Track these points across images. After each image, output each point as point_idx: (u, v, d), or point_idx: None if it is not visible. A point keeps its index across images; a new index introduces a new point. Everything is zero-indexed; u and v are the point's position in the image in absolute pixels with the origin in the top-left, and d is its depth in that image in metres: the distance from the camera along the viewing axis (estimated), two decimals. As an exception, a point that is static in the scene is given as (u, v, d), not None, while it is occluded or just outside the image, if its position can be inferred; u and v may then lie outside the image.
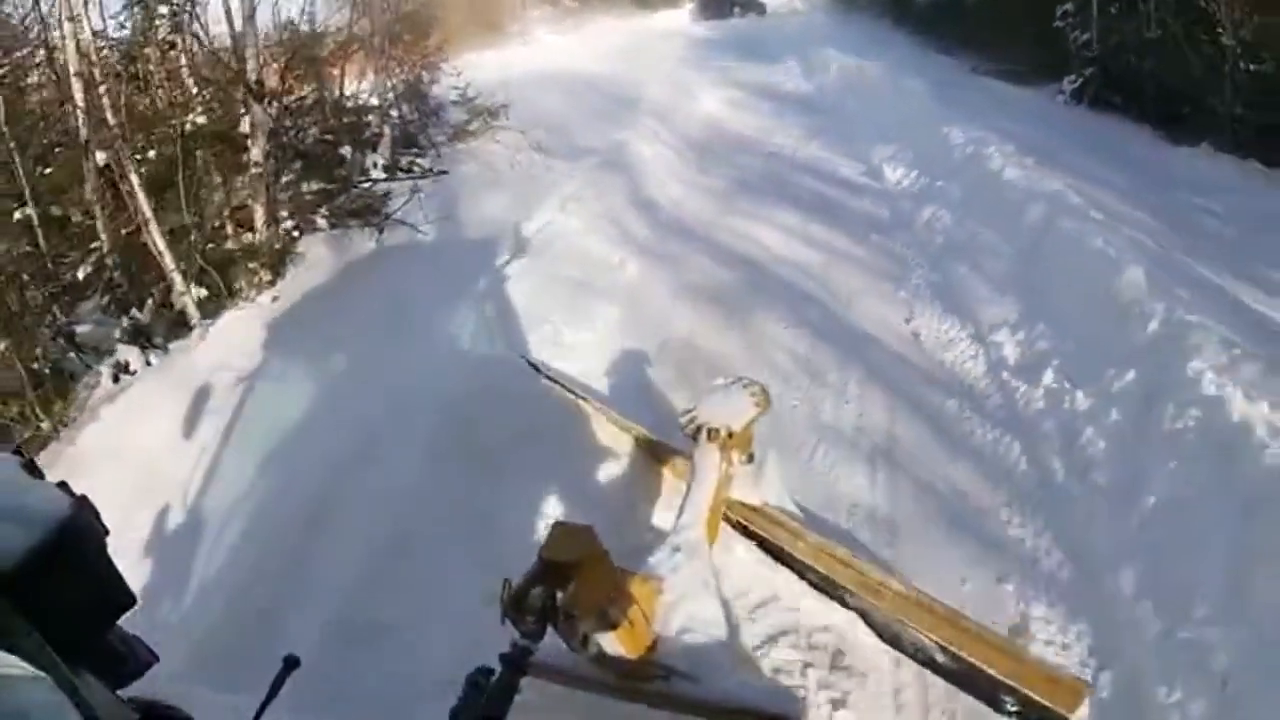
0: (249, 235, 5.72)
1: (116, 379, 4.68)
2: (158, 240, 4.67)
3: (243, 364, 4.54)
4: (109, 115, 4.79)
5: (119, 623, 0.77)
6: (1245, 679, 1.88)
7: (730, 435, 2.33)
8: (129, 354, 4.81)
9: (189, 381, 4.30)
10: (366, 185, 6.71)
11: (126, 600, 0.76)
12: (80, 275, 5.25)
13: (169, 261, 4.76)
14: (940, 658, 1.97)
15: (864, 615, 2.17)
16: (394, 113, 7.77)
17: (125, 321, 5.05)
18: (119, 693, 0.77)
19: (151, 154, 5.32)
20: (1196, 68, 6.68)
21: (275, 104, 5.70)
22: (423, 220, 6.33)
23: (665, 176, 7.06)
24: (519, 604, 1.52)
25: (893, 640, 2.11)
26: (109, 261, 5.21)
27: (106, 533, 0.77)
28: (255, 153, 5.42)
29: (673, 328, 4.24)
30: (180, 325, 5.11)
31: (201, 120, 5.43)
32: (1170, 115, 7.17)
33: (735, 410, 2.38)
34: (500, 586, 1.56)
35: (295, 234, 6.02)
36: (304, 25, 6.87)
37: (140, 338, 4.98)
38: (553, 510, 2.71)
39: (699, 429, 2.37)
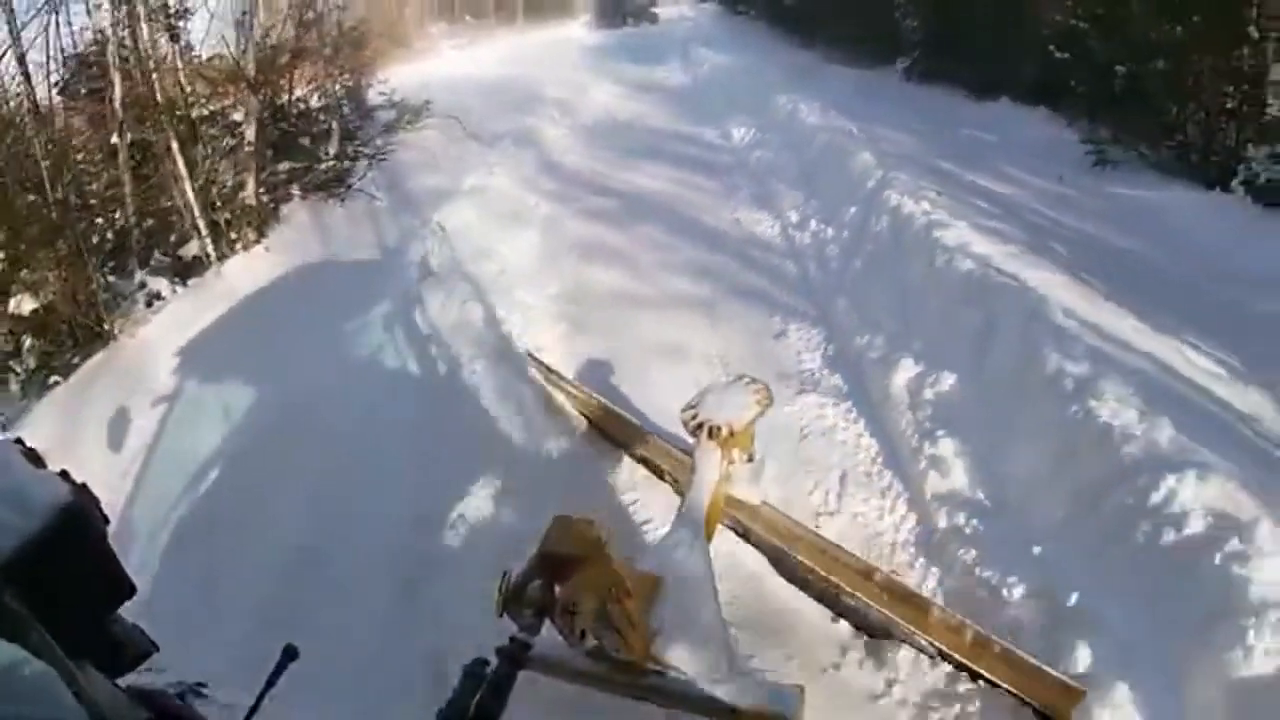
0: (240, 201, 7.48)
1: (149, 304, 6.42)
2: (190, 195, 6.43)
3: (249, 288, 6.33)
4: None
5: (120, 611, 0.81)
6: (893, 327, 3.92)
7: (731, 433, 2.37)
8: (159, 285, 6.55)
9: (212, 301, 6.08)
10: (329, 165, 8.53)
11: (126, 589, 0.80)
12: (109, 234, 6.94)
13: (197, 213, 6.51)
14: (939, 660, 2.07)
15: (861, 615, 2.24)
16: (341, 111, 9.57)
17: (151, 263, 6.77)
18: (119, 681, 0.81)
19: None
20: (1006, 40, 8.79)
21: (264, 96, 7.49)
22: (376, 190, 8.20)
23: (566, 149, 9.12)
24: (517, 597, 1.52)
25: (892, 641, 2.20)
26: (132, 222, 6.89)
27: (107, 521, 0.80)
28: (250, 134, 7.21)
29: (576, 235, 6.27)
30: (191, 269, 6.83)
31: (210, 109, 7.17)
32: (982, 82, 9.28)
33: (737, 408, 2.42)
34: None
35: (274, 202, 7.80)
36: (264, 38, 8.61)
37: (165, 275, 6.73)
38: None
39: (700, 426, 2.40)
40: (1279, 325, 3.47)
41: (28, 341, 6.08)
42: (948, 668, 2.13)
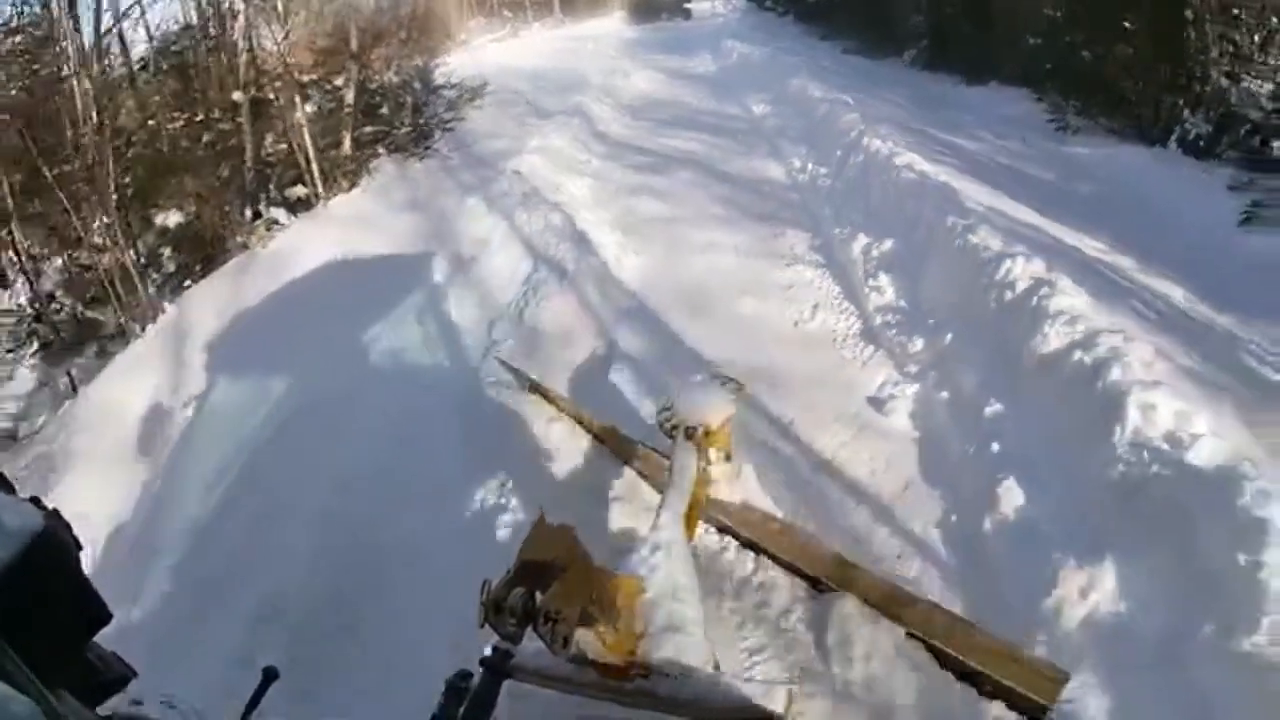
0: (338, 154, 9.19)
1: (268, 228, 8.12)
2: (308, 144, 8.13)
3: (349, 218, 8.02)
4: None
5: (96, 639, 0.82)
6: (859, 221, 5.53)
7: (707, 433, 2.43)
8: (278, 214, 8.26)
9: (321, 226, 7.78)
10: (405, 131, 10.23)
11: (102, 615, 0.81)
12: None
13: (312, 158, 8.22)
14: (920, 648, 2.14)
15: (844, 608, 2.29)
16: (413, 87, 11.30)
17: (269, 199, 8.49)
18: (98, 710, 0.82)
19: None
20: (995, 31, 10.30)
21: (361, 67, 9.22)
22: (448, 151, 9.89)
23: (610, 121, 10.74)
24: (498, 606, 1.54)
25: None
26: (249, 165, 8.59)
27: (79, 547, 0.82)
28: (349, 97, 8.92)
29: (623, 180, 7.87)
30: (298, 206, 8.54)
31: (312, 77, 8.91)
32: (975, 69, 10.72)
33: (712, 408, 2.48)
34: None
35: (364, 158, 9.51)
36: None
37: (281, 208, 8.45)
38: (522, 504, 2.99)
39: (675, 427, 2.46)
40: (1128, 214, 5.00)
41: (167, 252, 7.84)
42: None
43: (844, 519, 2.84)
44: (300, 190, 8.77)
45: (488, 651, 1.49)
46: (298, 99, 8.13)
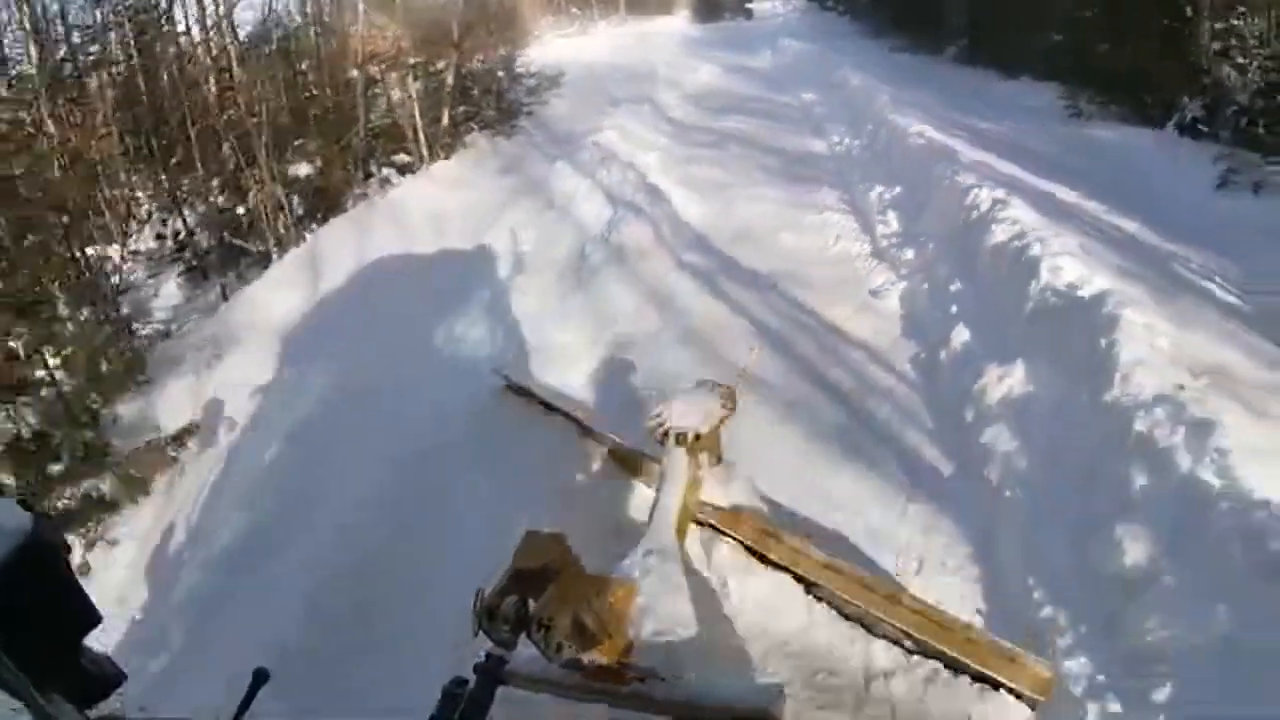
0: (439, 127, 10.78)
1: (381, 185, 9.72)
2: (417, 116, 9.72)
3: (450, 178, 9.59)
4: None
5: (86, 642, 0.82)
6: (880, 178, 6.89)
7: (698, 438, 2.54)
8: (390, 174, 9.86)
9: (427, 184, 9.36)
10: (492, 112, 11.81)
11: (92, 617, 0.81)
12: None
13: (421, 131, 9.80)
14: (913, 648, 2.24)
15: (838, 610, 2.41)
16: (498, 74, 12.89)
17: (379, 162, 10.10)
18: (88, 712, 0.82)
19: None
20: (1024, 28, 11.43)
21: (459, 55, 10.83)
22: (532, 130, 11.43)
23: (675, 107, 12.15)
24: (491, 614, 1.56)
25: (869, 632, 2.35)
26: (362, 133, 10.19)
27: (68, 549, 0.82)
28: (450, 79, 10.50)
29: (687, 153, 9.26)
30: (405, 169, 10.12)
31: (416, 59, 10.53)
32: (1007, 64, 11.81)
33: (703, 413, 2.61)
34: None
35: (459, 132, 11.09)
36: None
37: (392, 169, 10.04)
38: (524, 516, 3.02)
39: (666, 433, 2.57)
40: (1110, 176, 6.22)
41: (296, 199, 9.46)
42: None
43: (849, 359, 4.19)
44: (404, 157, 10.38)
45: (482, 658, 1.50)
46: (410, 78, 9.73)
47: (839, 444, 3.44)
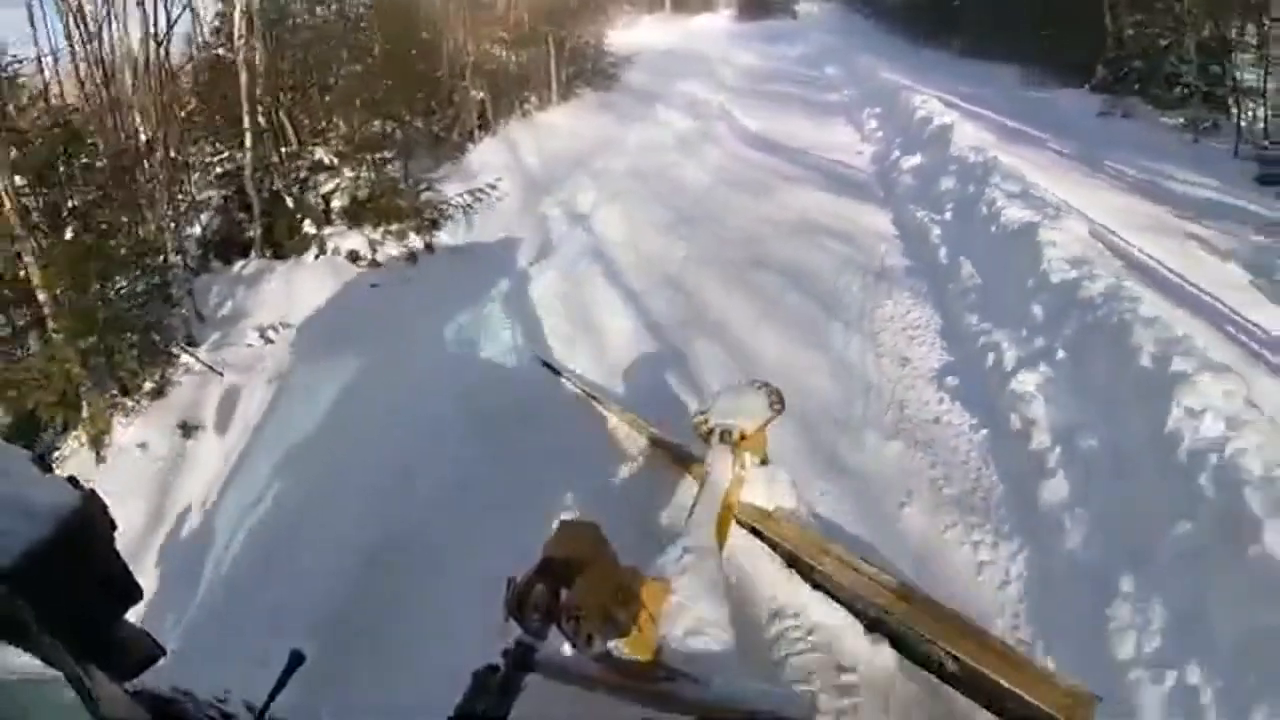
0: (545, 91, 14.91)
1: (524, 115, 13.88)
2: (553, 72, 13.90)
3: (571, 112, 13.74)
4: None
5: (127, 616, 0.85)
6: (891, 134, 10.99)
7: (743, 437, 2.56)
8: (529, 109, 14.01)
9: (555, 115, 13.52)
10: (593, 75, 15.99)
11: (134, 593, 0.85)
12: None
13: (554, 80, 13.97)
14: (951, 666, 2.16)
15: (875, 622, 2.35)
16: (588, 51, 17.07)
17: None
18: (125, 686, 0.85)
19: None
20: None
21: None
22: (617, 91, 15.59)
23: (728, 78, 16.29)
24: (522, 601, 1.59)
25: (906, 649, 2.29)
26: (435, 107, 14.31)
27: (114, 526, 0.85)
28: (553, 60, 14.67)
29: (741, 104, 13.35)
30: (525, 115, 14.27)
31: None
32: (995, 53, 15.83)
33: (749, 412, 2.62)
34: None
35: (572, 86, 15.23)
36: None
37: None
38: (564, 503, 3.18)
39: (711, 431, 2.61)
40: (1032, 109, 10.27)
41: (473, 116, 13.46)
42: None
43: (840, 170, 8.26)
44: (534, 101, 14.50)
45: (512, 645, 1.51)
46: (550, 44, 13.94)
47: (834, 187, 7.60)
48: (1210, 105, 9.41)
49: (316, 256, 6.88)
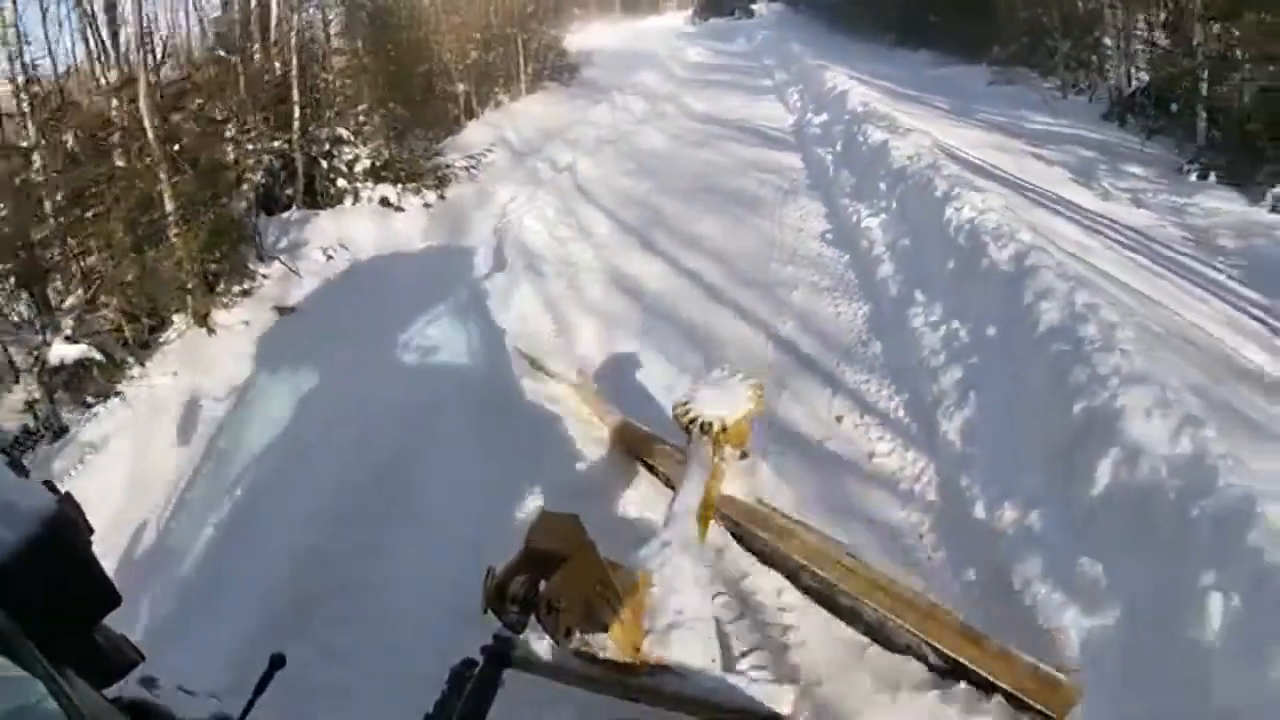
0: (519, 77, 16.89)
1: (496, 105, 15.86)
2: (523, 67, 15.89)
3: (538, 101, 15.75)
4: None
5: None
6: (810, 104, 13.18)
7: (724, 429, 2.58)
8: (502, 99, 16.02)
9: (526, 104, 15.50)
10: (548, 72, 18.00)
11: (111, 598, 0.85)
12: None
13: (522, 74, 15.95)
14: (934, 659, 2.24)
15: (858, 614, 2.40)
16: (549, 50, 19.07)
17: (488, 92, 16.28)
18: (106, 692, 0.86)
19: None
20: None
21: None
22: (577, 84, 17.62)
23: (676, 72, 18.41)
24: (500, 594, 1.60)
25: (886, 640, 2.35)
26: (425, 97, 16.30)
27: (91, 531, 0.85)
28: (521, 57, 16.65)
29: (688, 89, 15.48)
30: (498, 105, 16.27)
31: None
32: (917, 43, 18.24)
33: (730, 404, 2.66)
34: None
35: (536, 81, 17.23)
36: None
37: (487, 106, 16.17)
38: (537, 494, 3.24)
39: (692, 422, 2.64)
40: (930, 81, 12.49)
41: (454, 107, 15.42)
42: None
43: (769, 131, 10.35)
44: (503, 92, 16.44)
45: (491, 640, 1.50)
46: (519, 44, 15.90)
47: (761, 142, 9.67)
48: (1084, 69, 11.65)
49: (354, 203, 8.74)
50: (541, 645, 1.85)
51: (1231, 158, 6.91)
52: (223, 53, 9.00)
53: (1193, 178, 6.87)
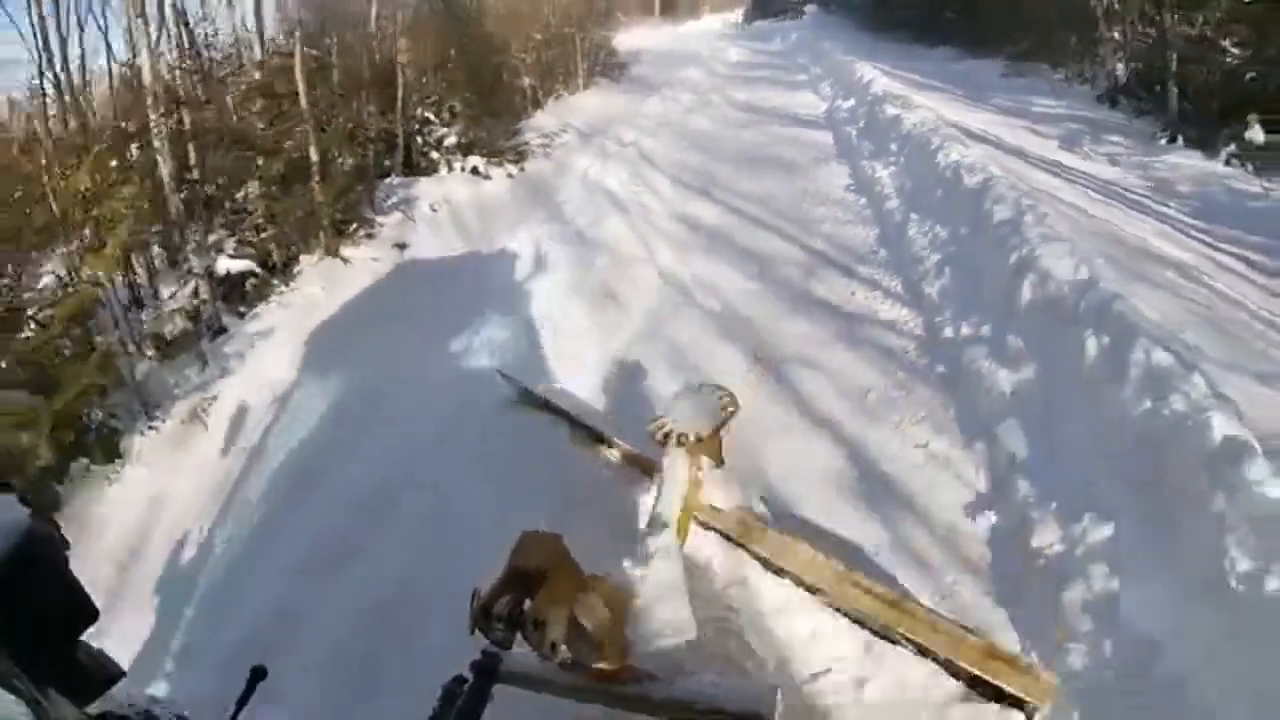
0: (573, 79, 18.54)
1: (557, 98, 17.52)
2: (580, 64, 17.52)
3: (597, 93, 17.39)
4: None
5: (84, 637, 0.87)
6: (840, 90, 14.67)
7: (699, 440, 2.67)
8: (562, 92, 17.68)
9: (585, 97, 17.16)
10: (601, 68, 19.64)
11: (90, 614, 0.85)
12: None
13: (580, 70, 17.58)
14: (915, 653, 2.33)
15: (840, 613, 2.49)
16: (601, 50, 20.72)
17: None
18: (87, 709, 0.87)
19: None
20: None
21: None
22: (627, 80, 19.24)
23: (719, 70, 19.94)
24: (487, 613, 1.66)
25: (884, 637, 2.42)
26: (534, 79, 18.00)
27: (67, 545, 0.87)
28: (578, 55, 18.29)
29: (730, 86, 17.00)
30: (559, 99, 17.91)
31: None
32: (940, 40, 19.64)
33: (704, 416, 2.75)
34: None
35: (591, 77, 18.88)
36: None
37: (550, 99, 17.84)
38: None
39: (668, 435, 2.70)
40: (950, 75, 13.91)
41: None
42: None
43: (803, 116, 11.84)
44: (562, 89, 18.09)
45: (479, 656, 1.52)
46: (577, 41, 17.56)
47: (797, 124, 11.18)
48: (1089, 59, 12.96)
49: (448, 172, 10.39)
50: (529, 659, 1.90)
51: (1200, 129, 8.24)
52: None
53: (1163, 142, 8.23)
